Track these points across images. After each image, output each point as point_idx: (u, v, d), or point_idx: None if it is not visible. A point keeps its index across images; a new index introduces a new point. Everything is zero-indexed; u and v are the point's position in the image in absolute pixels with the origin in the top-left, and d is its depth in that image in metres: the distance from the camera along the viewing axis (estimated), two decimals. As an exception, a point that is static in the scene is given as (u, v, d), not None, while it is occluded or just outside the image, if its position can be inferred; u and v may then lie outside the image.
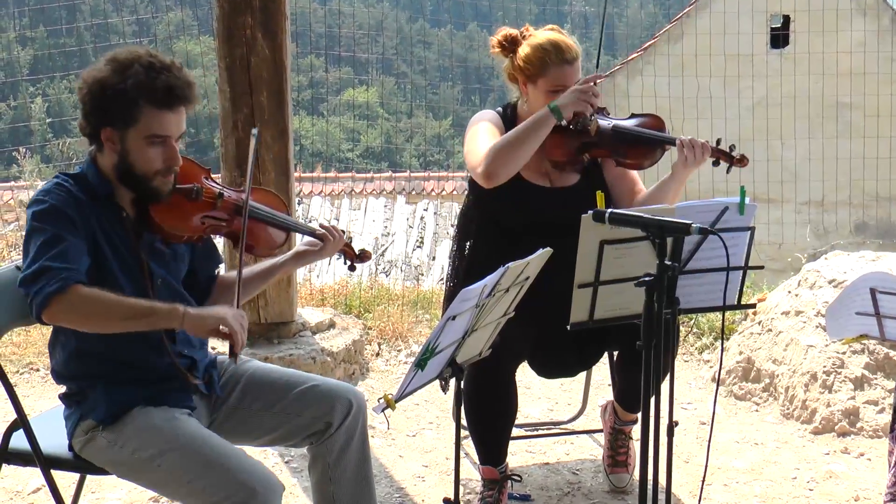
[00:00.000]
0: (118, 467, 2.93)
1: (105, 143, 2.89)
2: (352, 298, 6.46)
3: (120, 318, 2.79)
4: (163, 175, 2.92)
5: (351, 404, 3.14)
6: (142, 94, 2.83)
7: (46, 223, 2.80)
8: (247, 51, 5.09)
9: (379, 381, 5.58)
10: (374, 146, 23.46)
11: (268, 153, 5.19)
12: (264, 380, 3.20)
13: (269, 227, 3.22)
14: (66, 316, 2.78)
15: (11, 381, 3.13)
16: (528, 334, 3.78)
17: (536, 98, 3.82)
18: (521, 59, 3.82)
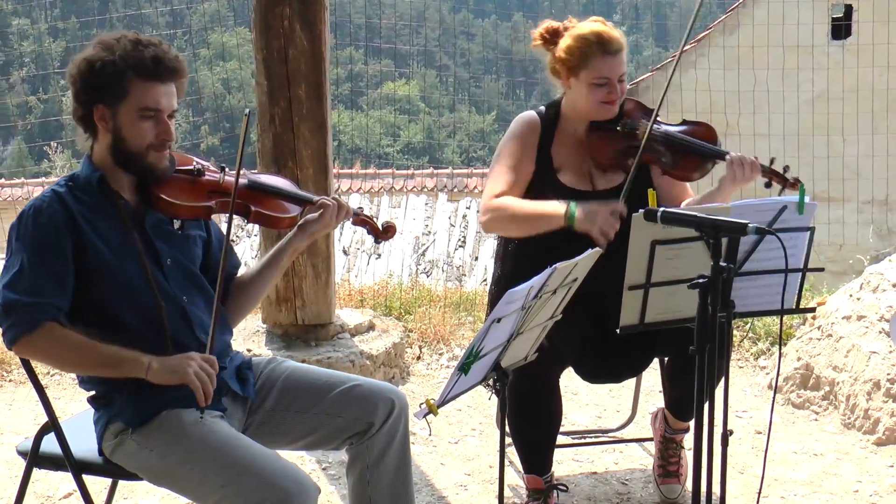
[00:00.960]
0: (149, 472, 2.97)
1: (98, 123, 2.97)
2: (392, 299, 6.48)
3: (87, 366, 2.95)
4: (156, 149, 2.99)
5: (393, 404, 3.15)
6: (130, 65, 2.92)
7: (27, 245, 2.88)
8: (284, 42, 5.12)
9: (420, 386, 5.59)
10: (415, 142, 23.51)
11: (306, 148, 5.22)
12: (302, 380, 3.22)
13: (281, 199, 3.27)
14: (34, 355, 2.97)
15: (42, 382, 3.16)
16: (575, 338, 3.78)
17: (579, 91, 3.81)
18: (563, 50, 3.82)
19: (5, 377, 5.74)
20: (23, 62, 36.77)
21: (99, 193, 2.99)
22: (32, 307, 2.84)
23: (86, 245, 2.92)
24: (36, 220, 2.90)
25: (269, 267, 3.29)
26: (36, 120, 29.21)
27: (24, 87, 36.70)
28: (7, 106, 31.29)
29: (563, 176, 3.85)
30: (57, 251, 2.89)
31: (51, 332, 2.85)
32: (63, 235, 2.90)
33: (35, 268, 2.86)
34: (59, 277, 2.89)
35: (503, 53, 24.55)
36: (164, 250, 3.05)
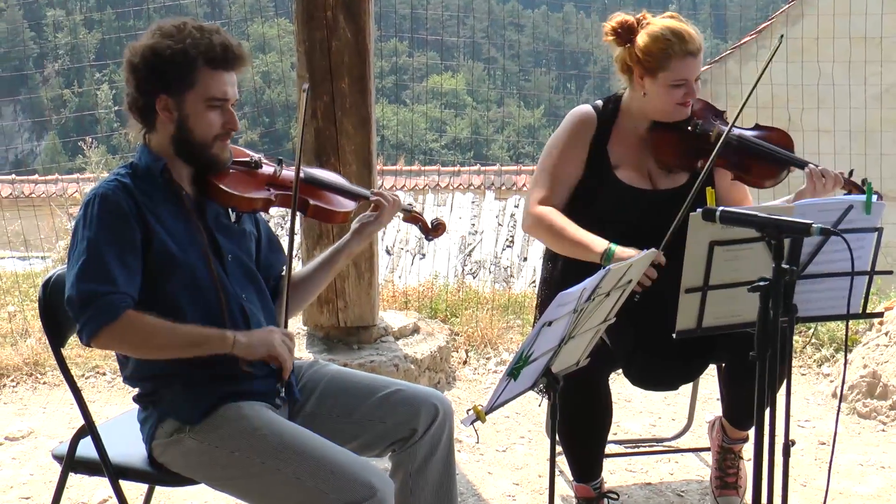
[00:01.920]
0: (209, 470, 2.96)
1: (161, 113, 2.98)
2: (437, 301, 6.49)
3: (171, 349, 2.92)
4: (221, 139, 3.02)
5: (437, 410, 3.16)
6: (200, 52, 2.93)
7: (94, 231, 2.88)
8: (327, 34, 5.14)
9: (466, 392, 5.60)
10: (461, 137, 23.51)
11: (349, 144, 5.24)
12: (345, 384, 3.23)
13: (334, 193, 3.31)
14: (117, 346, 2.95)
15: (77, 385, 3.19)
16: (627, 343, 3.77)
17: (656, 93, 3.79)
18: (640, 49, 3.78)
19: (39, 379, 5.81)
20: (57, 54, 37.18)
21: (162, 184, 3.01)
22: (110, 296, 2.82)
23: (152, 237, 2.93)
24: (102, 207, 2.89)
25: (322, 269, 3.32)
26: (70, 114, 29.50)
27: (59, 80, 37.07)
28: (41, 100, 31.58)
29: (620, 173, 3.84)
30: (126, 239, 2.89)
31: (132, 319, 2.84)
32: (131, 224, 2.90)
33: (106, 256, 2.85)
34: (130, 266, 2.88)
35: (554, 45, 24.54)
36: (226, 245, 3.08)
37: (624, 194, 3.79)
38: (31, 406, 5.51)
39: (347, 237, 3.32)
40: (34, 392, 5.70)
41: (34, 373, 5.85)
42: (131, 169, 3.02)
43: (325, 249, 5.03)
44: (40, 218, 9.78)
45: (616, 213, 3.79)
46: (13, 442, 5.03)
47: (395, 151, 19.27)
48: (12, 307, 6.79)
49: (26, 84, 34.45)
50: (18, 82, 29.76)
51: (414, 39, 11.53)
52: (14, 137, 34.50)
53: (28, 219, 9.24)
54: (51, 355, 5.56)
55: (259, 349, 2.94)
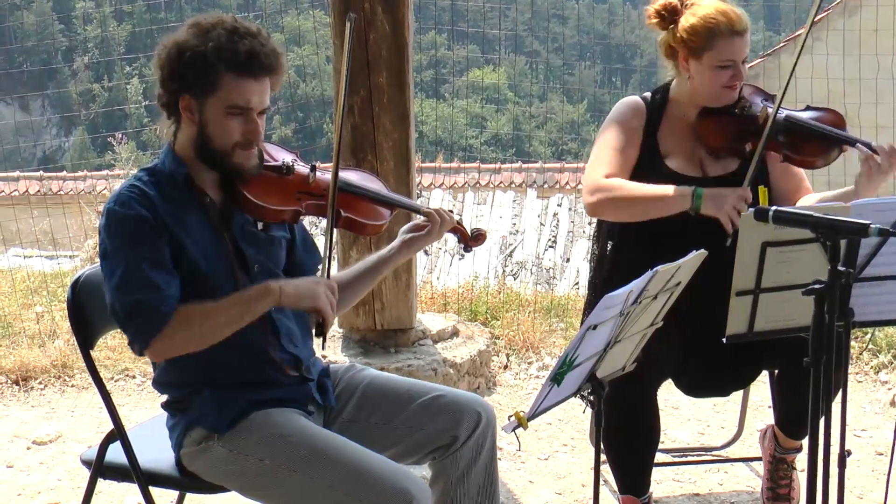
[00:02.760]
0: (239, 479, 2.97)
1: (183, 112, 2.96)
2: (477, 304, 6.50)
3: (227, 324, 2.90)
4: (242, 148, 2.98)
5: (480, 417, 3.16)
6: (222, 58, 2.89)
7: (123, 241, 2.87)
8: (365, 26, 5.15)
9: (507, 397, 5.60)
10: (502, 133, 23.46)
11: (386, 140, 5.25)
12: (383, 390, 3.23)
13: (370, 202, 3.27)
14: (175, 350, 2.91)
15: (106, 388, 3.21)
16: (676, 348, 3.76)
17: (701, 75, 3.78)
18: (685, 29, 3.77)
19: (67, 382, 5.86)
20: (86, 48, 37.50)
21: (185, 190, 2.99)
22: (155, 302, 2.82)
23: (176, 246, 2.92)
24: (125, 212, 2.88)
25: (363, 276, 3.32)
26: (100, 109, 29.72)
27: (88, 73, 37.39)
28: (69, 94, 31.90)
29: (670, 162, 3.83)
30: (155, 243, 2.88)
31: (181, 317, 2.85)
32: (156, 229, 2.88)
33: (140, 261, 2.85)
34: (167, 268, 2.88)
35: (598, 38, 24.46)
36: (252, 255, 3.06)
37: (674, 183, 3.77)
38: (59, 409, 5.56)
39: (395, 248, 3.30)
40: (62, 395, 5.75)
41: (62, 375, 5.90)
42: (153, 174, 3.00)
43: (362, 250, 5.08)
44: (69, 216, 9.86)
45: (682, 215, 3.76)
46: (41, 446, 5.08)
47: (434, 148, 19.30)
48: (40, 307, 6.85)
49: (55, 78, 34.79)
50: (47, 76, 30.05)
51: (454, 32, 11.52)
52: (42, 133, 34.84)
53: (56, 217, 9.32)
54: (79, 357, 5.62)
55: (305, 300, 2.94)
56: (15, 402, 5.67)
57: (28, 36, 31.68)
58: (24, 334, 6.37)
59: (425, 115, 23.77)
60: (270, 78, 2.99)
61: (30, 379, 5.86)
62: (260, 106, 2.98)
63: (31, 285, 7.33)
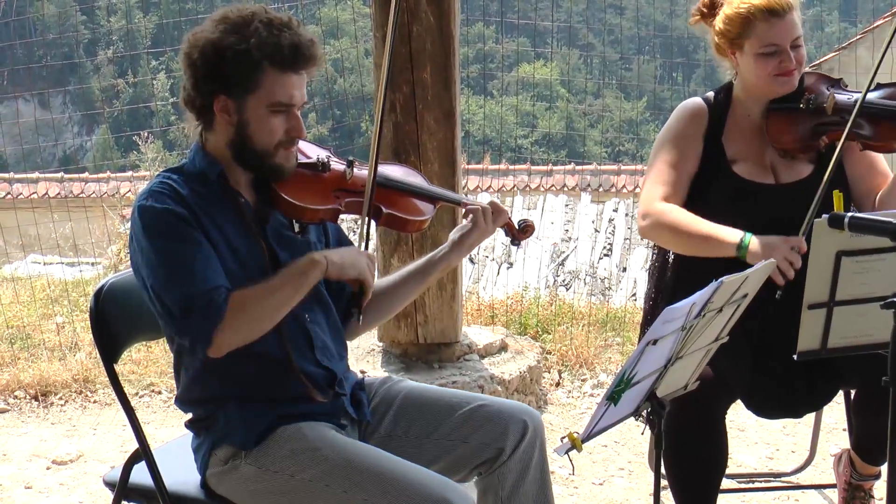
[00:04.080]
0: (269, 497, 2.97)
1: (219, 114, 2.96)
2: (527, 316, 6.50)
3: (283, 303, 2.94)
4: (285, 147, 3.00)
5: (526, 426, 3.14)
6: (266, 54, 2.90)
7: (161, 236, 2.88)
8: (408, 18, 5.16)
9: (559, 417, 5.60)
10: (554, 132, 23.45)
11: (431, 140, 5.26)
12: (422, 401, 3.23)
13: (412, 197, 3.28)
14: (236, 340, 2.89)
15: (131, 404, 3.23)
16: (744, 365, 3.74)
17: (747, 66, 3.74)
18: (722, 20, 3.75)
19: (89, 398, 5.90)
20: (110, 40, 37.81)
21: (219, 190, 3.00)
22: (207, 294, 2.83)
23: (210, 238, 2.93)
24: (160, 206, 2.89)
25: (411, 280, 3.32)
26: (124, 106, 29.94)
27: (111, 68, 37.69)
28: (92, 90, 32.09)
29: (738, 168, 3.79)
30: (192, 236, 2.88)
31: (236, 303, 2.86)
32: (191, 225, 2.89)
33: (183, 255, 2.86)
34: (210, 259, 2.89)
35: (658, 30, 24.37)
36: (287, 260, 3.05)
37: (743, 190, 3.75)
38: (80, 427, 5.60)
39: (446, 249, 3.29)
40: (84, 411, 5.80)
41: (84, 390, 5.95)
42: (181, 174, 3.01)
43: (404, 258, 5.09)
44: (91, 220, 9.93)
45: (735, 212, 3.74)
46: (61, 466, 5.12)
47: (481, 148, 19.30)
48: (60, 318, 6.91)
49: (76, 73, 35.09)
50: (68, 71, 30.27)
51: (503, 23, 11.53)
52: (63, 131, 35.16)
53: (78, 221, 9.39)
54: (102, 371, 5.67)
55: (350, 270, 3.02)
56: (34, 419, 5.72)
57: (49, 28, 31.98)
58: (43, 346, 6.43)
59: (471, 113, 23.80)
60: (309, 70, 3.01)
61: (50, 394, 5.92)
62: (301, 101, 3.00)
63: (51, 294, 7.40)
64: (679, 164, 3.82)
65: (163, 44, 29.05)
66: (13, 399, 5.90)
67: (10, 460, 5.20)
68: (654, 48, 22.62)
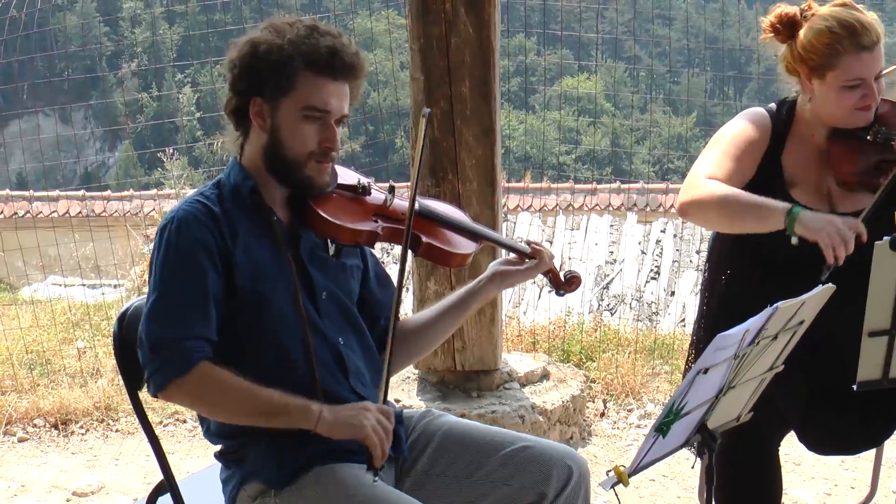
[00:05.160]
0: None
1: (254, 119, 3.00)
2: (570, 343, 6.49)
3: (246, 414, 2.93)
4: (317, 159, 3.01)
5: (571, 471, 3.14)
6: (300, 53, 2.95)
7: (169, 264, 2.91)
8: (446, 29, 5.17)
9: (604, 449, 5.58)
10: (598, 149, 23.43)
11: (469, 157, 5.26)
12: (463, 439, 3.22)
13: (454, 233, 3.28)
14: (184, 401, 2.99)
15: (155, 434, 3.25)
16: (800, 395, 3.72)
17: (826, 96, 3.70)
18: (803, 45, 3.70)
19: (111, 426, 5.93)
20: (134, 52, 38.07)
21: (251, 206, 3.03)
22: (183, 344, 2.85)
23: (234, 268, 2.95)
24: (179, 235, 2.92)
25: (450, 312, 3.32)
26: (148, 121, 30.13)
27: (135, 81, 37.93)
28: (115, 104, 32.34)
29: (795, 192, 3.75)
30: (204, 272, 2.91)
31: (205, 373, 2.86)
32: (211, 255, 2.92)
33: (180, 293, 2.89)
34: (207, 304, 2.91)
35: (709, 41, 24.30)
36: (320, 281, 3.08)
37: None
38: (101, 457, 5.63)
39: (484, 280, 3.30)
40: (105, 441, 5.82)
41: (106, 418, 5.97)
42: (218, 188, 3.05)
43: (441, 281, 5.10)
44: (115, 240, 9.98)
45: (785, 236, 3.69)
46: (82, 498, 5.14)
47: (521, 166, 19.29)
48: (82, 342, 6.95)
49: (99, 87, 35.34)
50: (90, 85, 30.50)
51: (545, 35, 11.52)
52: (84, 147, 35.41)
53: (100, 241, 9.43)
54: (125, 398, 5.70)
55: (347, 430, 2.91)
56: (54, 448, 5.75)
57: (70, 39, 32.23)
58: (64, 372, 6.46)
59: (512, 129, 23.79)
60: (350, 83, 3.03)
61: (70, 422, 5.94)
62: (338, 112, 3.02)
63: (72, 318, 7.44)
64: (737, 160, 3.76)
65: (189, 56, 29.24)
66: (32, 427, 5.93)
67: (28, 492, 5.23)
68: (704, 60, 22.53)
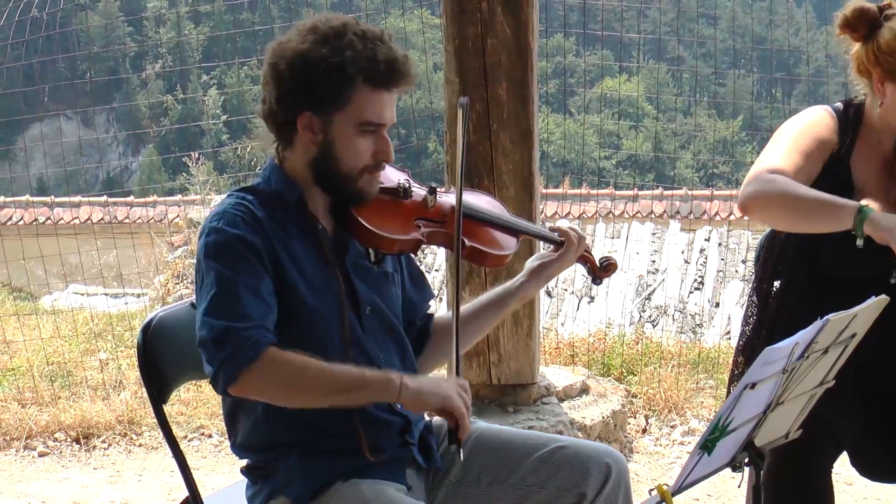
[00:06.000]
0: None
1: (302, 132, 2.97)
2: (611, 356, 6.48)
3: (324, 392, 2.89)
4: (370, 172, 3.00)
5: (609, 469, 3.12)
6: (360, 69, 2.91)
7: (222, 261, 2.88)
8: (482, 29, 5.17)
9: (646, 466, 5.57)
10: (639, 154, 23.41)
11: (506, 162, 5.26)
12: (495, 443, 3.22)
13: (493, 229, 3.26)
14: (259, 389, 2.88)
15: (180, 448, 3.25)
16: (854, 416, 3.69)
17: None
18: (882, 47, 3.63)
19: (135, 441, 5.95)
20: (158, 53, 38.25)
21: (296, 214, 3.01)
22: (249, 331, 2.82)
23: (282, 276, 2.94)
24: (228, 235, 2.90)
25: (484, 312, 3.31)
26: (172, 124, 30.26)
27: (159, 83, 38.11)
28: (138, 107, 32.47)
29: (864, 201, 3.69)
30: (258, 268, 2.89)
31: (275, 356, 2.83)
32: (260, 257, 2.90)
33: (238, 286, 2.86)
34: (266, 298, 2.89)
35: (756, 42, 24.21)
36: (365, 295, 3.07)
37: None
38: (124, 472, 5.65)
39: (522, 278, 3.30)
40: (128, 455, 5.84)
41: (128, 432, 5.99)
42: (256, 194, 3.01)
43: (476, 290, 5.09)
44: (140, 248, 10.00)
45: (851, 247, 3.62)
46: (104, 514, 5.16)
47: (560, 171, 19.29)
48: (104, 354, 6.97)
49: (121, 89, 35.55)
50: (112, 87, 30.69)
51: (584, 35, 11.50)
52: (107, 152, 35.59)
53: (123, 249, 9.45)
54: (148, 412, 5.72)
55: (432, 399, 2.90)
56: (75, 463, 5.77)
57: (93, 40, 32.41)
58: (85, 385, 6.49)
59: (549, 133, 23.78)
60: (401, 89, 3.02)
61: (92, 436, 5.97)
62: (391, 121, 3.01)
63: (94, 328, 7.46)
64: (805, 156, 3.68)
65: (215, 57, 29.38)
66: (53, 442, 5.96)
67: (48, 508, 5.26)
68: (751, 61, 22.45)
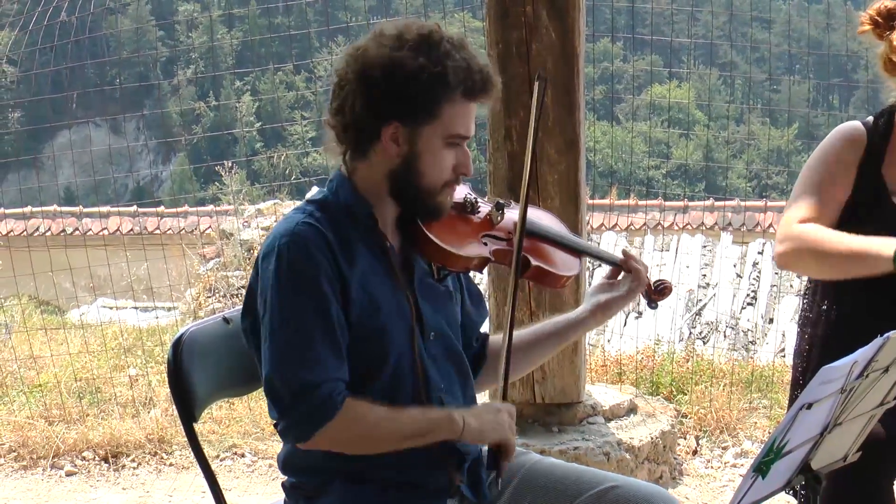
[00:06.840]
0: None
1: (386, 143, 2.92)
2: (660, 374, 6.46)
3: (392, 443, 2.92)
4: (450, 186, 2.98)
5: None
6: (461, 81, 2.88)
7: (295, 296, 2.84)
8: (527, 34, 5.18)
9: (697, 490, 5.55)
10: (690, 163, 23.36)
11: (551, 172, 5.26)
12: (546, 479, 3.21)
13: (558, 249, 3.24)
14: (333, 445, 2.91)
15: (211, 468, 3.24)
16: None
17: None
18: None
19: (165, 460, 5.97)
20: (190, 59, 38.45)
21: (366, 231, 2.98)
22: (322, 389, 2.81)
23: (350, 301, 2.90)
24: (297, 261, 2.85)
25: (547, 340, 3.31)
26: (204, 132, 30.35)
27: (191, 89, 38.30)
28: (169, 114, 32.58)
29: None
30: (327, 302, 2.85)
31: (349, 414, 2.84)
32: (331, 282, 2.86)
33: (313, 331, 2.83)
34: (338, 342, 2.87)
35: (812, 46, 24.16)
36: (430, 318, 3.04)
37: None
38: (154, 492, 5.66)
39: (586, 311, 3.28)
40: (158, 475, 5.86)
41: (159, 451, 6.01)
42: (323, 210, 2.97)
43: (519, 305, 5.08)
44: (170, 261, 10.03)
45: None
46: (133, 536, 5.18)
47: (606, 181, 19.27)
48: (133, 370, 7.00)
49: (152, 95, 35.67)
50: (143, 93, 30.78)
51: (633, 39, 11.47)
52: (136, 160, 35.78)
53: (153, 261, 9.48)
54: (179, 430, 5.73)
55: (491, 434, 2.96)
56: (104, 483, 5.79)
57: (123, 45, 32.60)
58: (115, 402, 6.52)
59: (595, 141, 23.75)
60: (489, 100, 3.00)
61: (121, 455, 5.99)
62: (472, 133, 3.00)
63: (123, 343, 7.50)
64: (828, 188, 3.75)
65: (248, 63, 29.48)
66: (81, 461, 5.99)
67: (76, 529, 5.28)
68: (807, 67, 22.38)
